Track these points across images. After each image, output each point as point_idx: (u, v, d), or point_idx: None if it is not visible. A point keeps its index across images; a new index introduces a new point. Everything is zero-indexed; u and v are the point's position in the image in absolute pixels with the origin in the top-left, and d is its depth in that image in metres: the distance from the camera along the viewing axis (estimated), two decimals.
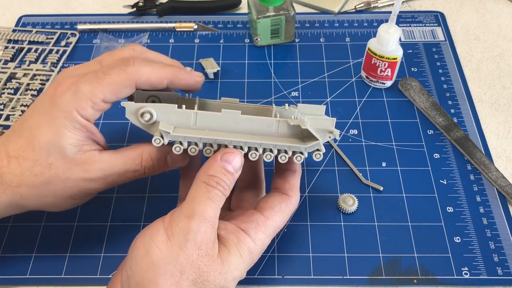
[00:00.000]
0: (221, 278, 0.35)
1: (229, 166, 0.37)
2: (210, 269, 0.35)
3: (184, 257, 0.34)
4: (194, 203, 0.35)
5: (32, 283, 0.44)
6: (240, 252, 0.37)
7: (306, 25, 0.66)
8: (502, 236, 0.46)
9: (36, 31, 0.65)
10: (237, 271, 0.36)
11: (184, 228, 0.34)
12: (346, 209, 0.47)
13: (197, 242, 0.34)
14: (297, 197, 0.42)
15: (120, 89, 0.38)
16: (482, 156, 0.51)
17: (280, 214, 0.40)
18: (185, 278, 0.34)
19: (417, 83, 0.58)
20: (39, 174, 0.38)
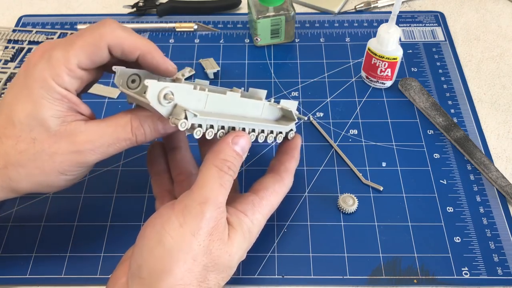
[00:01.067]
0: (230, 259, 0.36)
1: (238, 148, 0.38)
2: (221, 253, 0.35)
3: (197, 244, 0.34)
4: (206, 189, 0.35)
5: (32, 283, 0.44)
6: (243, 231, 0.38)
7: (306, 25, 0.66)
8: (502, 236, 0.46)
9: (36, 31, 0.65)
10: (241, 251, 0.38)
11: (197, 215, 0.34)
12: (346, 209, 0.47)
13: (209, 228, 0.35)
14: (290, 179, 0.43)
15: (93, 51, 0.36)
16: (482, 156, 0.51)
17: (275, 195, 0.41)
18: (197, 264, 0.34)
19: (417, 83, 0.58)
20: (24, 151, 0.36)
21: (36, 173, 0.36)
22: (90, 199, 0.49)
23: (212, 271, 0.35)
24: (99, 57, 0.36)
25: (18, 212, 0.48)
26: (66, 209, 0.48)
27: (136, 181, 0.50)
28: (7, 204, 0.49)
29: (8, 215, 0.48)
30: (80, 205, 0.49)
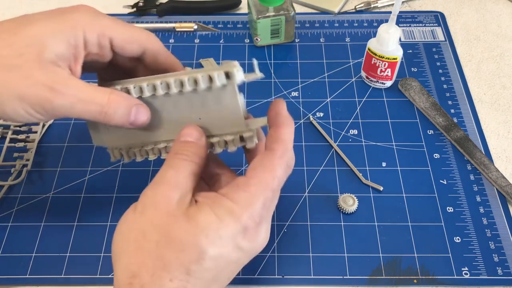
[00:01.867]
0: (187, 235, 0.33)
1: (187, 138, 0.37)
2: (173, 228, 0.33)
3: (145, 220, 0.34)
4: (158, 174, 0.36)
5: (32, 283, 0.44)
6: (215, 211, 0.34)
7: (306, 25, 0.66)
8: (502, 236, 0.46)
9: None
10: (212, 231, 0.33)
11: (144, 196, 0.35)
12: (346, 209, 0.47)
13: (155, 204, 0.34)
14: (283, 149, 0.37)
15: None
16: (482, 156, 0.51)
17: (264, 170, 0.36)
18: (148, 240, 0.33)
19: (417, 83, 0.58)
20: (5, 57, 0.35)
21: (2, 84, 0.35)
22: (90, 199, 0.49)
23: (167, 248, 0.33)
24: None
25: (18, 212, 0.48)
26: (66, 209, 0.48)
27: (136, 181, 0.50)
28: (7, 204, 0.49)
29: (8, 215, 0.48)
30: (80, 205, 0.49)
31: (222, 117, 0.38)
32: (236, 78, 0.35)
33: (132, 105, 0.38)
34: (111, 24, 0.38)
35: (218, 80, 0.36)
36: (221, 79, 0.36)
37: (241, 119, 0.37)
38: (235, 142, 0.38)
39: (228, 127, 0.38)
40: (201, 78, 0.36)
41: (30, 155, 0.52)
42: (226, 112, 0.37)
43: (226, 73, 0.36)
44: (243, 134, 0.38)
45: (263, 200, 0.35)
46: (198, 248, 0.33)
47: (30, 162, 0.52)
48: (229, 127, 0.38)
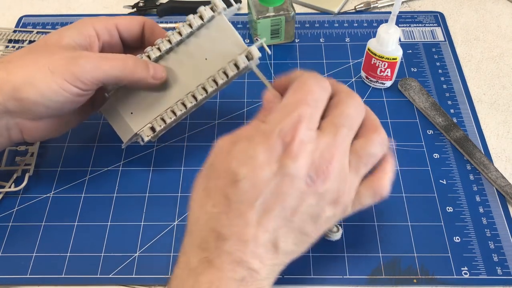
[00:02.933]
0: (222, 162, 0.35)
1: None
2: (215, 158, 0.36)
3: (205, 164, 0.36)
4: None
5: (32, 283, 0.44)
6: (248, 136, 0.34)
7: (306, 25, 0.66)
8: (501, 236, 0.46)
9: (36, 31, 0.65)
10: (242, 153, 0.33)
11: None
12: (330, 235, 0.45)
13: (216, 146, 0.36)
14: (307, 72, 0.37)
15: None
16: (482, 156, 0.51)
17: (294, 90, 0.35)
18: (201, 175, 0.36)
19: (416, 83, 0.58)
20: (32, 46, 0.43)
21: (31, 65, 0.40)
22: (90, 199, 0.49)
23: (209, 178, 0.35)
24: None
25: (18, 212, 0.48)
26: (66, 209, 0.48)
27: (136, 181, 0.50)
28: (7, 204, 0.49)
29: (8, 215, 0.48)
30: (80, 205, 0.49)
31: (223, 48, 0.43)
32: (218, 5, 0.43)
33: (148, 62, 0.44)
34: (112, 17, 0.46)
35: (206, 13, 0.43)
36: (208, 12, 0.43)
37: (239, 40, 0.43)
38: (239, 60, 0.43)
39: (231, 55, 0.43)
40: (192, 18, 0.43)
41: (31, 159, 0.52)
42: (225, 40, 0.43)
43: (211, 7, 0.44)
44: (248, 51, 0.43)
45: (297, 116, 0.33)
46: (230, 171, 0.33)
47: (32, 167, 0.51)
48: (232, 53, 0.43)
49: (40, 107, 0.40)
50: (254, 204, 0.33)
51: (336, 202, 0.35)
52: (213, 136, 0.54)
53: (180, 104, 0.45)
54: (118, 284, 0.44)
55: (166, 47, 0.44)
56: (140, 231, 0.47)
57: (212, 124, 0.55)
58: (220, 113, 0.56)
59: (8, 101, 0.39)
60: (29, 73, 0.39)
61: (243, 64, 0.43)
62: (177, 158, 0.52)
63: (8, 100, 0.39)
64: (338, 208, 0.36)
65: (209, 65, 0.44)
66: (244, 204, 0.33)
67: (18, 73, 0.39)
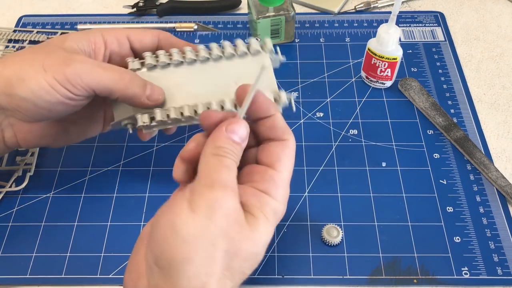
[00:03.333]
0: (253, 246, 0.33)
1: (235, 137, 0.35)
2: (241, 237, 0.32)
3: (214, 227, 0.31)
4: (210, 173, 0.33)
5: (32, 283, 0.44)
6: (266, 215, 0.34)
7: (306, 25, 0.66)
8: (502, 236, 0.46)
9: (37, 31, 0.65)
10: (266, 235, 0.34)
11: (209, 198, 0.32)
12: (330, 241, 0.45)
13: (224, 209, 0.32)
14: (293, 136, 0.38)
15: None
16: (482, 156, 0.51)
17: (289, 160, 0.37)
18: (218, 250, 0.32)
19: (417, 83, 0.58)
20: (36, 47, 0.41)
21: (27, 62, 0.39)
22: (90, 199, 0.49)
23: (234, 257, 0.32)
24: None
25: (18, 212, 0.48)
26: (66, 209, 0.48)
27: (136, 181, 0.50)
28: (7, 204, 0.49)
29: (8, 215, 0.48)
30: (80, 205, 0.49)
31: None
32: (268, 46, 0.43)
33: (147, 82, 0.42)
34: (126, 28, 0.46)
35: (255, 46, 0.42)
36: (257, 46, 0.43)
37: (274, 82, 0.42)
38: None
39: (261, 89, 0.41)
40: (241, 43, 0.43)
41: (32, 158, 0.52)
42: (261, 77, 0.39)
43: (261, 45, 0.43)
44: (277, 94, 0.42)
45: (289, 188, 0.37)
46: (256, 255, 0.34)
47: (33, 166, 0.51)
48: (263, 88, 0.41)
49: (30, 105, 0.38)
50: None
51: None
52: None
53: (191, 109, 0.42)
54: (118, 284, 0.44)
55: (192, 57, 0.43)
56: (140, 231, 0.47)
57: None
58: None
59: (0, 95, 0.39)
60: (23, 68, 0.38)
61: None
62: None
63: (0, 95, 0.39)
64: None
65: (235, 89, 0.40)
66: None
67: (12, 68, 0.38)
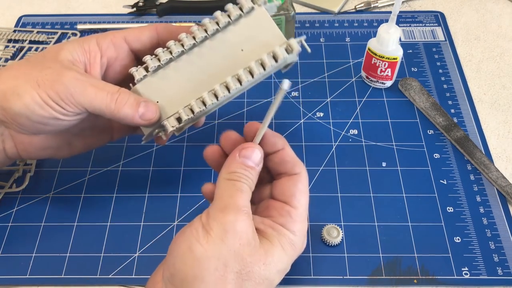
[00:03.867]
0: (265, 269, 0.34)
1: (249, 162, 0.37)
2: (253, 259, 0.34)
3: (226, 248, 0.33)
4: (224, 197, 0.35)
5: (32, 283, 0.44)
6: (282, 245, 0.36)
7: (306, 25, 0.66)
8: (502, 236, 0.46)
9: (37, 31, 0.65)
10: (280, 263, 0.36)
11: (222, 221, 0.34)
12: (330, 241, 0.45)
13: (236, 232, 0.34)
14: (304, 168, 0.40)
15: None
16: (482, 156, 0.51)
17: (303, 195, 0.39)
18: (230, 271, 0.33)
19: (417, 83, 0.58)
20: (31, 60, 0.41)
21: (20, 84, 0.38)
22: (90, 199, 0.49)
23: (247, 279, 0.34)
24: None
25: (18, 212, 0.48)
26: (66, 209, 0.48)
27: (136, 181, 0.50)
28: (7, 204, 0.49)
29: (8, 215, 0.48)
30: (80, 205, 0.49)
31: (262, 40, 0.40)
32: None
33: (141, 100, 0.40)
34: (122, 30, 0.44)
35: (247, 3, 0.40)
36: (248, 3, 0.40)
37: (278, 32, 0.40)
38: (278, 53, 0.40)
39: (269, 46, 0.40)
40: (232, 7, 0.40)
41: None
42: (264, 33, 0.40)
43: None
44: (288, 43, 0.40)
45: (306, 222, 0.39)
46: (271, 281, 0.36)
47: (33, 167, 0.51)
48: (271, 45, 0.40)
49: (24, 119, 0.38)
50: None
51: None
52: (213, 136, 0.54)
53: (211, 94, 0.40)
54: (118, 284, 0.44)
55: (200, 35, 0.41)
56: (140, 231, 0.47)
57: (212, 124, 0.55)
58: (220, 113, 0.56)
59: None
60: (18, 83, 0.38)
61: (282, 56, 0.40)
62: (177, 158, 0.52)
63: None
64: None
65: (245, 56, 0.40)
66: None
67: (8, 82, 0.38)
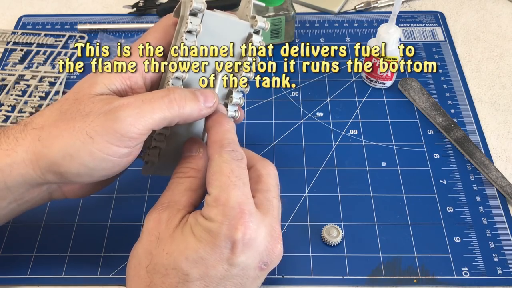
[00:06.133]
0: (168, 258, 0.33)
1: (186, 153, 0.38)
2: (157, 251, 0.33)
3: (140, 246, 0.35)
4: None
5: (32, 283, 0.44)
6: (194, 232, 0.33)
7: (306, 25, 0.66)
8: (502, 236, 0.46)
9: (44, 34, 0.65)
10: (190, 251, 0.32)
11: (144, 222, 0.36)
12: (330, 241, 0.45)
13: (148, 229, 0.35)
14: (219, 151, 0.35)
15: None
16: (482, 156, 0.51)
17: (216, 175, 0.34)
18: (141, 267, 0.34)
19: (417, 83, 0.58)
20: (63, 106, 0.35)
21: (64, 134, 0.34)
22: (90, 199, 0.49)
23: (154, 273, 0.33)
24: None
25: None
26: (66, 209, 0.48)
27: (136, 181, 0.50)
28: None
29: None
30: (80, 205, 0.49)
31: (228, 34, 0.39)
32: (197, 6, 0.36)
33: (193, 90, 0.36)
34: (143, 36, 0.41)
35: (194, 24, 0.36)
36: (196, 21, 0.37)
37: (238, 20, 0.40)
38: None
39: (240, 36, 0.39)
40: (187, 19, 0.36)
41: None
42: (228, 31, 0.39)
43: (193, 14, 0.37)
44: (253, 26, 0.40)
45: (237, 208, 0.33)
46: (180, 271, 0.33)
47: None
48: (241, 34, 0.39)
49: (85, 178, 0.35)
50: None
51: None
52: None
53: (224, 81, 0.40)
54: (118, 284, 0.44)
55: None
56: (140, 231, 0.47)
57: None
58: None
59: (46, 174, 0.35)
60: (66, 143, 0.33)
61: (258, 42, 0.39)
62: None
63: (46, 174, 0.35)
64: None
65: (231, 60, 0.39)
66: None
67: (54, 145, 0.34)
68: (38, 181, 0.35)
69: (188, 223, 0.34)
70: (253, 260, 0.34)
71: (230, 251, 0.33)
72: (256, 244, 0.34)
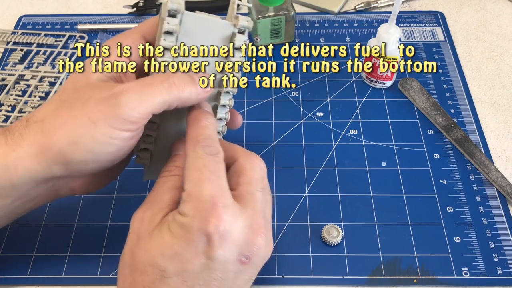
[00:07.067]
0: (145, 255, 0.33)
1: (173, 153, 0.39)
2: (137, 249, 0.34)
3: (125, 246, 0.35)
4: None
5: (32, 283, 0.44)
6: (170, 228, 0.33)
7: (306, 25, 0.66)
8: (502, 236, 0.46)
9: (44, 33, 0.65)
10: (165, 247, 0.33)
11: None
12: (330, 241, 0.45)
13: (132, 228, 0.35)
14: (194, 147, 0.35)
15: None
16: (482, 156, 0.51)
17: (189, 171, 0.34)
18: (124, 265, 0.35)
19: (417, 83, 0.58)
20: (63, 100, 0.36)
21: (67, 122, 0.34)
22: (90, 199, 0.49)
23: (135, 271, 0.33)
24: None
25: None
26: (66, 209, 0.48)
27: (136, 181, 0.50)
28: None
29: None
30: (80, 205, 0.49)
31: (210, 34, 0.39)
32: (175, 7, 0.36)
33: (190, 73, 0.37)
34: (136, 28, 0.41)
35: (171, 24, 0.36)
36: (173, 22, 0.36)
37: (219, 20, 0.39)
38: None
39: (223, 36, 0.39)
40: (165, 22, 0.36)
41: None
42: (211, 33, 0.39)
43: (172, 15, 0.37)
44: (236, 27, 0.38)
45: (210, 201, 0.33)
46: (157, 268, 0.33)
47: None
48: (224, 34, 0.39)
49: (90, 165, 0.36)
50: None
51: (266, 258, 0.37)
52: None
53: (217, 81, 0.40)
54: None
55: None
56: None
57: None
58: None
59: (53, 166, 0.35)
60: (70, 131, 0.34)
61: (241, 41, 0.39)
62: None
63: (53, 166, 0.35)
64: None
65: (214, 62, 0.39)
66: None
67: (58, 134, 0.34)
68: (44, 175, 0.35)
69: (166, 220, 0.34)
70: (232, 253, 0.33)
71: (207, 245, 0.32)
72: (232, 237, 0.33)
